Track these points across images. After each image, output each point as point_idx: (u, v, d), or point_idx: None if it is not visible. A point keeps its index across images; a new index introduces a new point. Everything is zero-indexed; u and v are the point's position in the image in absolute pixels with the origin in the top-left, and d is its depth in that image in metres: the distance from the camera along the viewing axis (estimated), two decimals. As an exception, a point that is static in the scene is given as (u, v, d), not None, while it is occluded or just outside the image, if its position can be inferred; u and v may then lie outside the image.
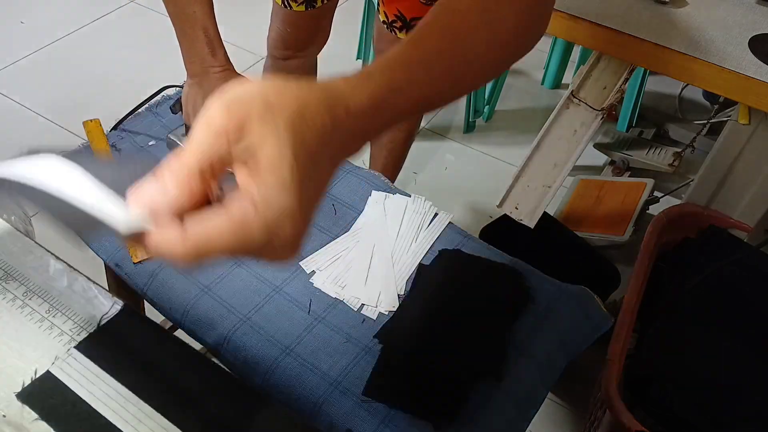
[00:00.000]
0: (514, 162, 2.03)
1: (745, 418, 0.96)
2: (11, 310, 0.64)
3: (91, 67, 2.30)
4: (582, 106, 1.12)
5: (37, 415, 0.57)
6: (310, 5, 1.30)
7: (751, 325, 1.07)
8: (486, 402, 0.73)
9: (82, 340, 0.62)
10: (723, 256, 1.14)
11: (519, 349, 0.78)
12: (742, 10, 1.04)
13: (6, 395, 0.58)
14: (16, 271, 0.68)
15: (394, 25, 1.23)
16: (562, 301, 0.83)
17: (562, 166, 1.15)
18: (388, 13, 1.22)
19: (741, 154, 1.15)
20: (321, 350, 0.76)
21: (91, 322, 0.64)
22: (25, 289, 0.66)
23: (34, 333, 0.63)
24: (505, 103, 2.25)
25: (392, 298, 0.82)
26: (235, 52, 0.94)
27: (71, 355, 0.61)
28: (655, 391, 1.01)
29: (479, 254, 0.88)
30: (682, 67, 0.94)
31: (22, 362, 0.60)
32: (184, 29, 0.90)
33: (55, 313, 0.64)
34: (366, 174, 0.99)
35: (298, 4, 1.30)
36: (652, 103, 2.12)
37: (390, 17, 1.22)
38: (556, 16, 1.01)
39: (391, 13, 1.22)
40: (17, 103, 2.13)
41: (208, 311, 0.80)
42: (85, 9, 2.56)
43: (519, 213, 1.20)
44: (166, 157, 0.37)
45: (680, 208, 1.24)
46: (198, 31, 0.89)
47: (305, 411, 0.72)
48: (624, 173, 1.92)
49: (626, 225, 1.62)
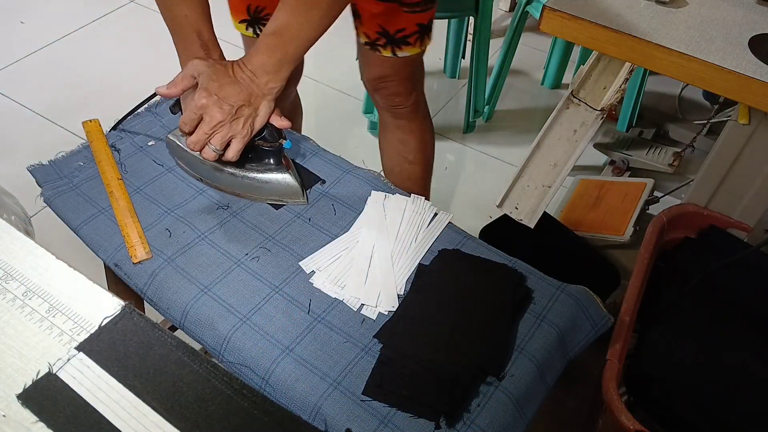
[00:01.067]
0: (514, 162, 2.03)
1: (745, 418, 0.96)
2: (11, 310, 0.64)
3: (91, 67, 2.30)
4: (582, 106, 1.12)
5: (37, 417, 0.57)
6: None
7: (750, 325, 1.06)
8: (486, 402, 0.73)
9: (82, 340, 0.62)
10: (723, 256, 1.14)
11: (519, 349, 0.78)
12: (742, 10, 1.04)
13: (6, 395, 0.58)
14: (16, 271, 0.68)
15: (378, 44, 1.17)
16: (562, 301, 0.83)
17: (562, 166, 1.15)
18: (369, 33, 1.16)
19: (741, 154, 1.15)
20: (321, 350, 0.77)
21: (91, 322, 0.64)
22: (25, 289, 0.66)
23: (34, 333, 0.63)
24: (505, 103, 2.25)
25: (392, 298, 0.82)
26: (234, 51, 0.95)
27: (71, 356, 0.61)
28: (655, 391, 1.01)
29: (479, 254, 0.88)
30: (682, 67, 0.94)
31: (22, 362, 0.60)
32: (177, 32, 0.90)
33: (55, 313, 0.64)
34: (366, 174, 0.99)
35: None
36: (652, 103, 2.12)
37: (372, 36, 1.16)
38: (556, 16, 1.01)
39: (372, 31, 1.15)
40: (17, 103, 2.13)
41: (207, 311, 0.80)
42: (85, 9, 2.56)
43: (519, 213, 1.20)
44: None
45: (680, 208, 1.24)
46: (192, 34, 0.89)
47: (305, 411, 0.72)
48: (624, 173, 1.92)
49: (626, 225, 1.62)
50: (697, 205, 1.23)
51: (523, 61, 2.37)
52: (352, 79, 2.31)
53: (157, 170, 0.98)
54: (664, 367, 1.02)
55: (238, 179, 0.93)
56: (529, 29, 2.31)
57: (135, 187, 0.95)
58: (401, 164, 1.40)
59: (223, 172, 0.93)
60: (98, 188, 0.94)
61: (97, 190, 0.94)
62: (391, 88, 1.27)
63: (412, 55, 1.19)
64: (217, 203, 0.93)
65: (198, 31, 0.89)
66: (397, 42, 1.16)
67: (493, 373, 0.75)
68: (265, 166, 0.92)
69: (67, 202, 0.92)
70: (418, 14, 1.13)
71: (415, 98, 1.30)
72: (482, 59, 2.02)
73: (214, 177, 0.94)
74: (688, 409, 0.98)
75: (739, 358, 1.02)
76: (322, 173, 0.99)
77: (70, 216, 0.91)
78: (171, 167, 0.98)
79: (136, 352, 0.62)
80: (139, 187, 0.95)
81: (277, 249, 0.88)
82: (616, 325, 0.99)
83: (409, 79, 1.26)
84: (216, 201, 0.94)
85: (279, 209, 0.93)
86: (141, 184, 0.95)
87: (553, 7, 1.01)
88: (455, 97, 2.29)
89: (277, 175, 0.92)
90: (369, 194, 0.95)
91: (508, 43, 2.03)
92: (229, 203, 0.94)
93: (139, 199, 0.93)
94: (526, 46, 2.43)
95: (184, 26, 0.88)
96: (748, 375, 1.00)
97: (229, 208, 0.93)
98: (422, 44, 1.19)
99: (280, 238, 0.89)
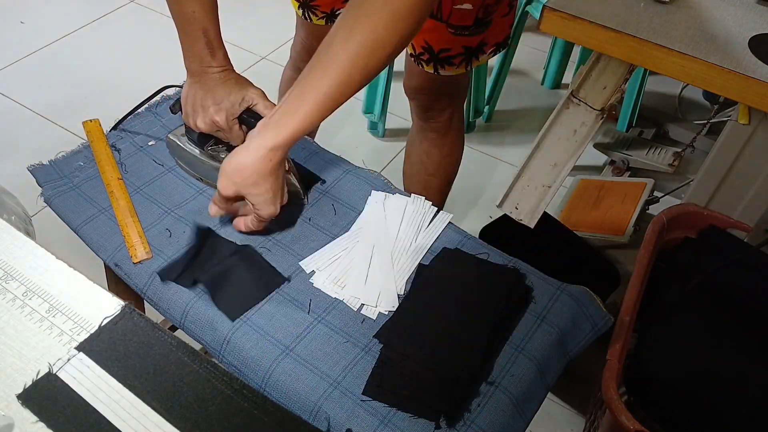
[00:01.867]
0: (514, 162, 2.03)
1: (745, 417, 0.96)
2: (11, 310, 0.64)
3: (91, 67, 2.30)
4: (582, 106, 1.12)
5: (37, 417, 0.57)
6: (330, 20, 1.26)
7: (751, 325, 1.06)
8: (486, 402, 0.73)
9: (82, 340, 0.62)
10: (723, 256, 1.14)
11: (519, 349, 0.78)
12: (742, 10, 1.04)
13: (5, 395, 0.58)
14: (16, 271, 0.68)
15: (422, 58, 1.16)
16: (562, 301, 0.83)
17: (562, 166, 1.15)
18: (415, 45, 1.15)
19: (741, 154, 1.15)
20: (321, 350, 0.76)
21: (91, 322, 0.64)
22: (25, 289, 0.66)
23: (34, 333, 0.63)
24: (505, 103, 2.25)
25: (392, 298, 0.82)
26: (235, 52, 0.94)
27: (71, 356, 0.61)
28: (655, 391, 1.01)
29: (479, 254, 0.88)
30: (682, 67, 0.94)
31: (22, 362, 0.60)
32: (184, 28, 0.90)
33: (55, 313, 0.64)
34: (366, 174, 0.99)
35: (318, 18, 1.27)
36: (652, 103, 2.12)
37: (417, 50, 1.15)
38: (556, 16, 1.01)
39: (418, 45, 1.15)
40: (17, 103, 2.13)
41: (208, 311, 0.80)
42: (85, 9, 2.56)
43: (519, 213, 1.20)
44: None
45: (680, 208, 1.24)
46: (197, 31, 0.89)
47: (305, 411, 0.72)
48: (624, 173, 1.92)
49: (626, 225, 1.62)
50: (697, 205, 1.23)
51: (523, 61, 2.37)
52: (352, 79, 2.32)
53: (157, 170, 0.98)
54: (664, 367, 1.02)
55: (238, 179, 0.93)
56: (529, 29, 2.31)
57: (135, 187, 0.94)
58: (420, 173, 1.40)
59: (223, 172, 0.93)
60: (98, 188, 0.94)
61: (98, 189, 0.94)
62: (428, 101, 1.27)
63: (454, 75, 1.18)
64: (217, 203, 0.93)
65: (204, 29, 0.89)
66: (440, 61, 1.15)
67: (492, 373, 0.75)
68: (265, 166, 0.92)
69: (68, 201, 0.92)
70: (465, 37, 1.12)
71: (449, 114, 1.30)
72: (482, 59, 2.01)
73: (215, 177, 0.94)
74: (688, 409, 0.98)
75: (739, 359, 1.02)
76: (322, 173, 0.99)
77: (70, 216, 0.91)
78: (171, 167, 0.98)
79: (136, 352, 0.62)
80: (139, 187, 0.95)
81: (277, 249, 0.88)
82: (616, 325, 0.99)
83: (447, 95, 1.26)
84: (216, 201, 0.94)
85: (279, 209, 0.93)
86: (141, 184, 0.95)
87: (553, 7, 1.01)
88: (455, 97, 2.29)
89: (277, 175, 0.92)
90: (369, 194, 0.95)
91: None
92: (229, 203, 0.94)
93: (140, 198, 0.93)
94: (526, 46, 2.43)
95: (191, 23, 0.88)
96: (748, 375, 1.00)
97: (229, 208, 0.93)
98: (468, 66, 1.18)
99: (280, 237, 0.89)
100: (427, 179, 1.40)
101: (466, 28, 1.10)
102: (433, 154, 1.37)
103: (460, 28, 1.10)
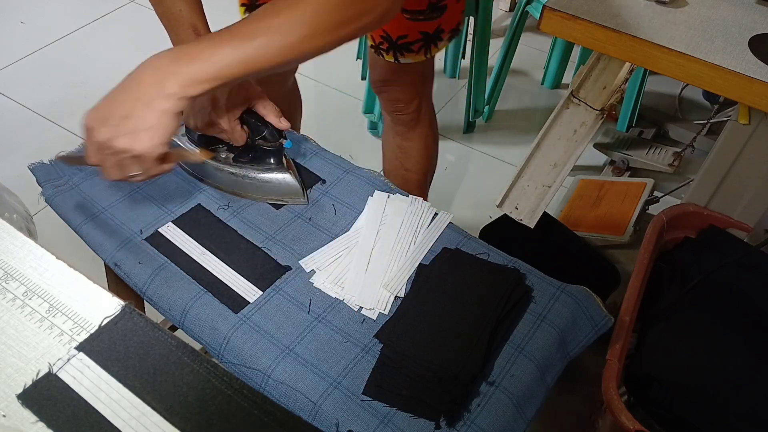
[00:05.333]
0: (514, 162, 2.03)
1: (745, 418, 0.96)
2: (11, 310, 0.64)
3: (91, 67, 2.30)
4: (582, 106, 1.12)
5: (37, 417, 0.57)
6: None
7: (751, 325, 1.07)
8: (486, 402, 0.73)
9: (82, 340, 0.62)
10: (723, 256, 1.14)
11: (519, 349, 0.78)
12: (742, 10, 1.04)
13: (5, 395, 0.58)
14: (16, 271, 0.68)
15: (381, 47, 1.17)
16: (562, 301, 0.83)
17: (562, 166, 1.15)
18: (374, 35, 1.16)
19: (741, 154, 1.15)
20: (321, 350, 0.76)
21: (91, 322, 0.64)
22: (25, 289, 0.66)
23: (34, 333, 0.63)
24: (505, 103, 2.25)
25: (392, 298, 0.82)
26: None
27: (71, 356, 0.61)
28: (655, 391, 1.01)
29: (479, 254, 0.88)
30: (682, 67, 0.94)
31: (22, 362, 0.60)
32: (173, 28, 0.90)
33: (55, 313, 0.64)
34: (366, 174, 0.99)
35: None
36: (652, 103, 2.12)
37: (377, 39, 1.16)
38: (556, 16, 1.01)
39: (377, 35, 1.16)
40: (17, 103, 2.13)
41: (207, 311, 0.80)
42: (85, 9, 2.56)
43: (519, 213, 1.20)
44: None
45: (680, 208, 1.24)
46: (187, 29, 0.89)
47: (305, 411, 0.72)
48: (624, 173, 1.92)
49: (626, 225, 1.62)
50: (697, 205, 1.23)
51: (523, 61, 2.37)
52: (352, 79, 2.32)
53: (157, 170, 0.98)
54: (664, 367, 1.02)
55: (238, 179, 0.93)
56: (529, 29, 2.31)
57: (135, 186, 0.95)
58: (397, 169, 1.40)
59: (223, 171, 0.93)
60: (98, 187, 0.94)
61: (98, 189, 0.94)
62: (393, 93, 1.27)
63: (415, 62, 1.18)
64: (217, 203, 0.93)
65: (193, 26, 0.88)
66: (399, 48, 1.15)
67: (492, 372, 0.75)
68: (266, 166, 0.92)
69: (68, 201, 0.92)
70: (420, 22, 1.12)
71: (417, 105, 1.29)
72: (482, 59, 2.02)
73: (215, 177, 0.94)
74: (688, 409, 0.98)
75: (739, 358, 1.02)
76: (322, 173, 0.99)
77: (70, 215, 0.91)
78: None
79: (136, 352, 0.62)
80: (139, 187, 0.95)
81: (277, 248, 0.88)
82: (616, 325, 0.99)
83: (412, 85, 1.26)
84: (216, 201, 0.94)
85: (279, 209, 0.93)
86: (141, 184, 0.95)
87: (553, 7, 1.01)
88: (455, 97, 2.29)
89: (277, 175, 0.92)
90: (369, 194, 0.95)
91: (508, 43, 2.03)
92: (229, 203, 0.94)
93: (139, 198, 0.93)
94: (526, 46, 2.43)
95: (179, 21, 0.88)
96: (748, 375, 1.00)
97: (230, 207, 0.93)
98: (427, 53, 1.18)
99: (280, 237, 0.89)
100: (404, 174, 1.40)
101: (421, 13, 1.10)
102: (406, 147, 1.36)
103: (415, 13, 1.10)
